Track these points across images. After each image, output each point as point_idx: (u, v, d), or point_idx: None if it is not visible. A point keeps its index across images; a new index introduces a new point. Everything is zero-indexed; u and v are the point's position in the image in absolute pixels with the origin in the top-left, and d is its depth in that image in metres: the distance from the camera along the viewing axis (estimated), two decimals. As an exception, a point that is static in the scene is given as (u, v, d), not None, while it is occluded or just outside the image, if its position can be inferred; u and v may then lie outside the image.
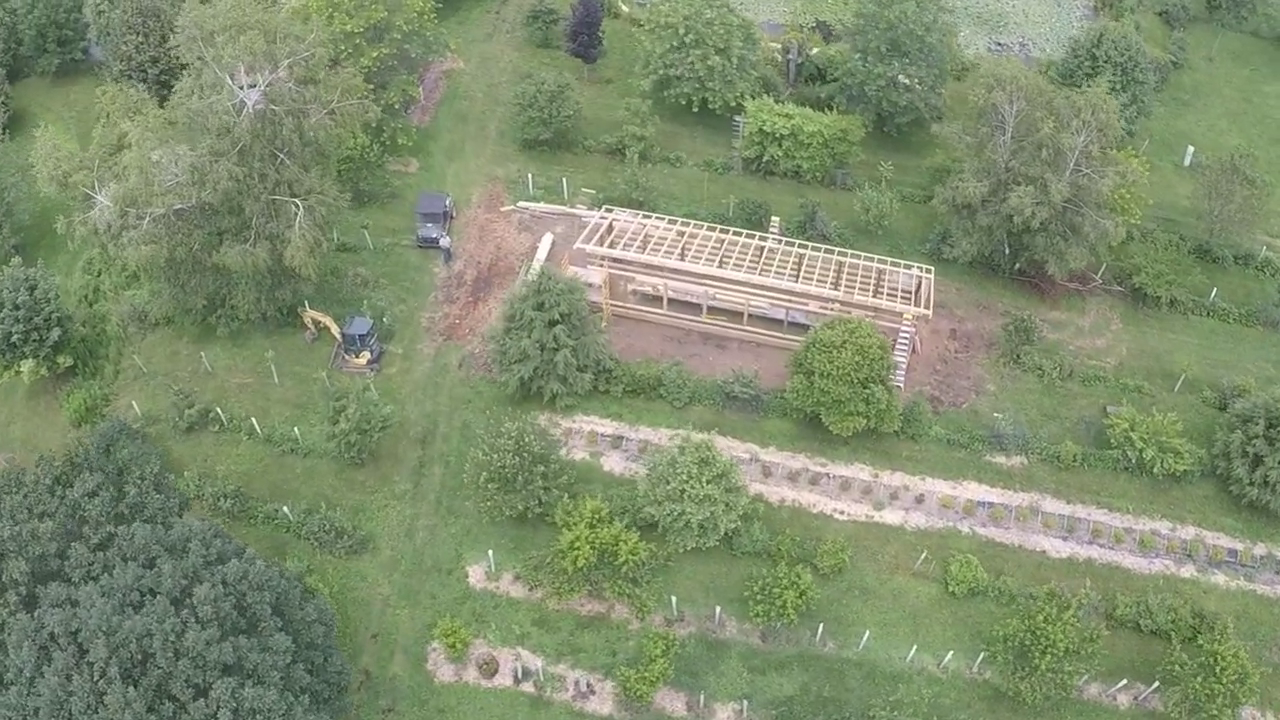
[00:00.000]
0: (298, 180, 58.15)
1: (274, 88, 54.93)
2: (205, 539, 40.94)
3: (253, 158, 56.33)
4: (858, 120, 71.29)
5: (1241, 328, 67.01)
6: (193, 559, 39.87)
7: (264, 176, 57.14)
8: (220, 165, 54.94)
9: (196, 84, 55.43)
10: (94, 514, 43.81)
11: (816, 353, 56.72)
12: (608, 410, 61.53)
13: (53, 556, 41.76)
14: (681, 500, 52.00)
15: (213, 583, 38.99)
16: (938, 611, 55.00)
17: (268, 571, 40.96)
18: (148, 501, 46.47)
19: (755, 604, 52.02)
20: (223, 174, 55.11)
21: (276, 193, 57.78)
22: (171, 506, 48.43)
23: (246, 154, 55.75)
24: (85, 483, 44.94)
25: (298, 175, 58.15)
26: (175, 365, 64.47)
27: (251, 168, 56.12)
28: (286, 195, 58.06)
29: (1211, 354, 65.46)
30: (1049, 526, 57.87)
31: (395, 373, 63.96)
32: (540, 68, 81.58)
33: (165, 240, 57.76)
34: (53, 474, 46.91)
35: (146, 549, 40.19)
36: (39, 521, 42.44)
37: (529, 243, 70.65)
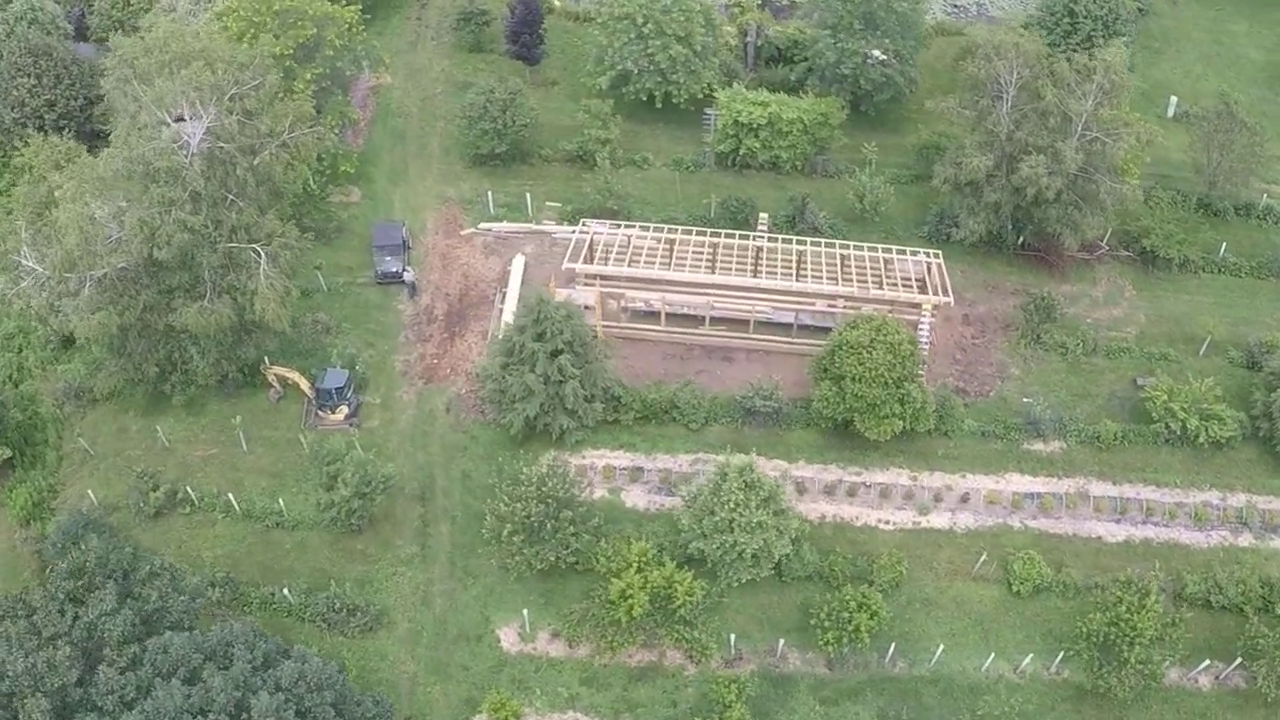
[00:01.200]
0: (255, 224, 56.39)
1: (222, 124, 53.05)
2: (249, 641, 39.22)
3: (207, 204, 54.33)
4: (836, 103, 72.15)
5: (1255, 281, 69.78)
6: (240, 666, 38.14)
7: (219, 224, 55.22)
8: (173, 216, 52.81)
9: (133, 127, 53.18)
10: (115, 633, 41.44)
11: (845, 355, 57.16)
12: (619, 441, 61.12)
13: (74, 686, 39.44)
14: (731, 530, 51.85)
15: (269, 690, 37.34)
16: (1005, 614, 55.97)
17: (325, 669, 39.43)
18: (170, 605, 44.30)
19: (824, 631, 52.17)
20: (176, 226, 52.98)
21: (233, 240, 55.87)
22: (197, 607, 46.32)
23: (199, 201, 53.74)
24: (101, 598, 42.52)
25: (254, 219, 56.36)
26: (126, 444, 61.92)
27: (207, 216, 54.10)
28: (244, 242, 56.16)
29: (1229, 312, 67.97)
30: (1100, 511, 59.38)
31: (377, 425, 62.50)
32: (477, 75, 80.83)
33: (111, 305, 55.39)
34: (64, 591, 44.28)
35: (186, 660, 38.28)
36: (53, 648, 39.98)
37: (499, 267, 69.76)
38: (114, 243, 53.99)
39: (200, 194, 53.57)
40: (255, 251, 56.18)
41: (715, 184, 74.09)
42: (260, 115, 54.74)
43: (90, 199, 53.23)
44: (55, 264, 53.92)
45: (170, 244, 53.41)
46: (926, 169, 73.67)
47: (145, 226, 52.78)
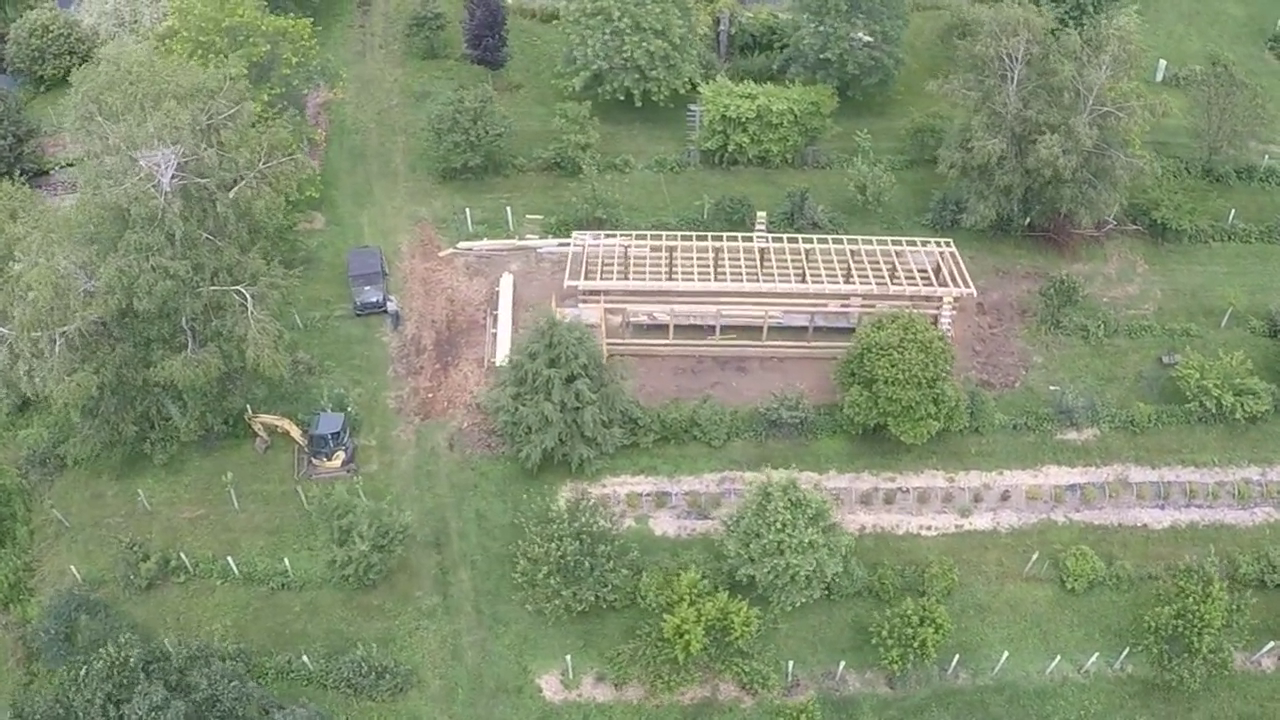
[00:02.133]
0: (238, 265, 55.08)
1: (199, 158, 51.71)
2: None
3: (186, 247, 52.96)
4: (826, 90, 72.63)
5: (1265, 246, 71.89)
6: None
7: (199, 267, 53.87)
8: (153, 263, 51.37)
9: (102, 169, 51.56)
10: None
11: (875, 358, 57.58)
12: (639, 465, 60.94)
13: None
14: (782, 553, 51.95)
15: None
16: (1061, 613, 56.95)
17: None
18: (222, 692, 42.79)
19: (887, 650, 52.49)
20: (158, 274, 51.55)
21: (215, 283, 54.53)
22: (250, 693, 44.84)
23: (179, 244, 52.36)
24: (148, 694, 40.86)
25: (237, 259, 55.06)
26: (103, 511, 60.18)
27: (187, 259, 52.75)
28: (227, 284, 54.85)
29: (1244, 280, 69.89)
30: (1143, 498, 60.67)
31: (376, 469, 61.51)
32: (434, 83, 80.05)
33: (84, 363, 53.74)
34: (104, 691, 42.54)
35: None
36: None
37: (485, 288, 69.10)
38: (86, 296, 52.25)
39: (180, 236, 52.09)
40: (240, 294, 54.83)
41: (703, 184, 74.20)
42: (237, 146, 53.40)
43: (58, 250, 51.40)
44: (22, 323, 52.00)
45: (152, 293, 51.92)
46: (922, 153, 74.71)
47: (124, 276, 51.18)
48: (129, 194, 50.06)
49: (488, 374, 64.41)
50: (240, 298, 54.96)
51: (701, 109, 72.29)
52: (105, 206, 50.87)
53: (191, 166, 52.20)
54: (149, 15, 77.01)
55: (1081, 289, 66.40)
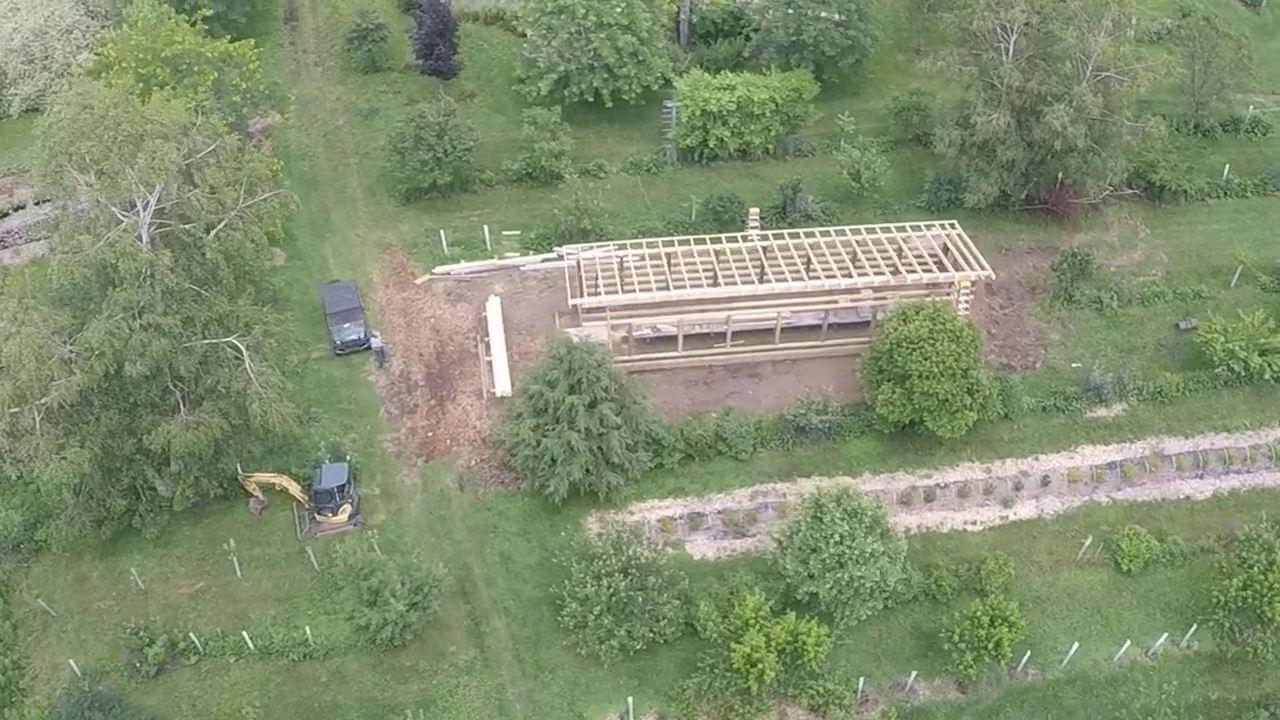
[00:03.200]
0: (230, 314, 53.85)
1: (186, 201, 50.40)
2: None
3: (176, 300, 51.64)
4: (806, 75, 73.39)
5: (1262, 199, 74.70)
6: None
7: (189, 321, 52.54)
8: (143, 321, 49.97)
9: (79, 225, 49.93)
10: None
11: (906, 352, 58.36)
12: (665, 487, 61.09)
13: None
14: (843, 566, 52.45)
15: None
16: (1119, 596, 58.51)
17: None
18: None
19: (960, 654, 53.31)
20: (151, 333, 50.16)
21: (207, 335, 53.26)
22: None
23: (170, 298, 51.04)
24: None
25: (228, 307, 53.85)
26: (91, 595, 58.37)
27: (179, 314, 51.46)
28: (219, 336, 53.59)
29: (1246, 235, 72.56)
30: (1182, 469, 62.59)
31: (385, 519, 60.65)
32: (382, 99, 79.16)
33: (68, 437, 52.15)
34: None
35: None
36: None
37: (471, 314, 68.53)
38: (68, 364, 50.58)
39: (171, 290, 50.75)
40: (234, 346, 53.56)
41: (684, 183, 74.49)
42: (223, 185, 52.14)
43: (34, 315, 49.66)
44: (5, 400, 50.16)
45: (145, 355, 50.49)
46: (906, 132, 76.05)
47: (114, 339, 49.65)
48: (116, 249, 48.50)
49: (489, 405, 63.88)
50: (234, 350, 53.60)
51: (678, 105, 72.45)
52: (88, 264, 49.20)
53: (174, 211, 50.78)
54: (61, 51, 74.71)
55: (1095, 260, 67.86)
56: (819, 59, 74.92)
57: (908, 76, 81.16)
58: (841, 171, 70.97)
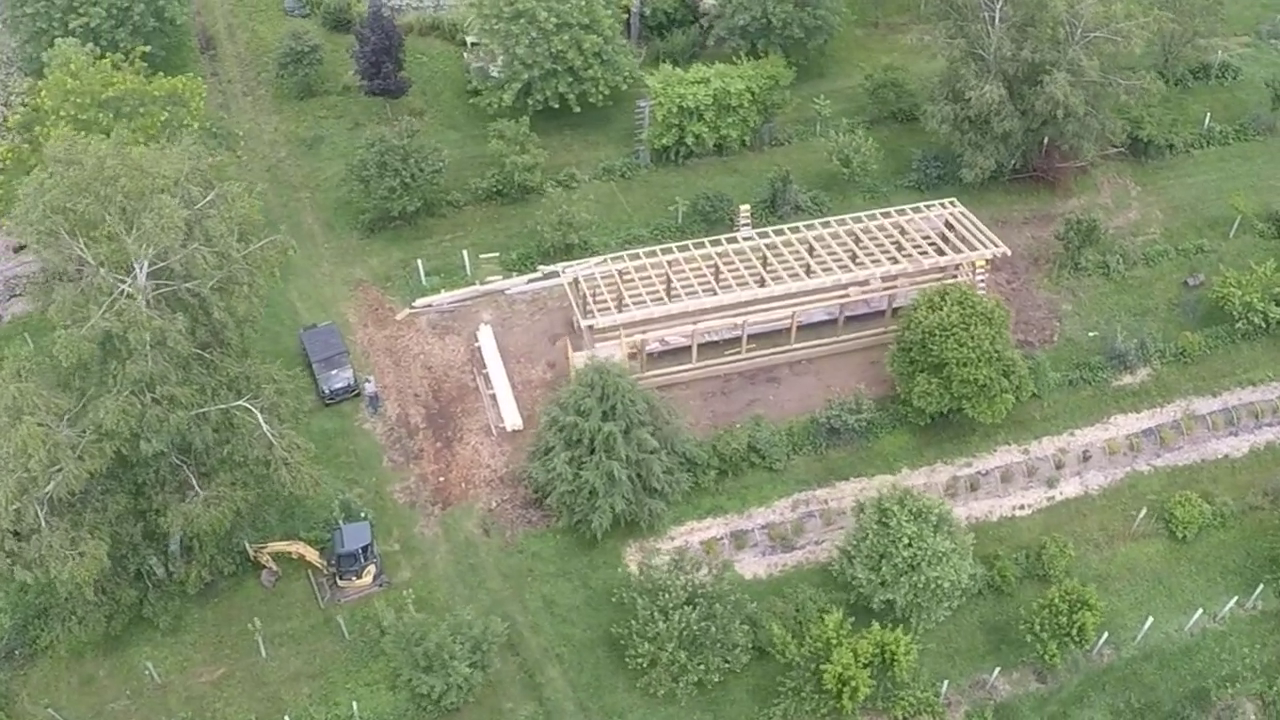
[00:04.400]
0: (240, 376, 52.65)
1: (192, 258, 49.05)
2: None
3: (186, 368, 50.30)
4: (780, 61, 74.17)
5: (1244, 145, 77.95)
6: None
7: (200, 388, 51.21)
8: (159, 394, 48.59)
9: (82, 295, 48.20)
10: None
11: (941, 340, 59.40)
12: (703, 507, 61.39)
13: None
14: (917, 569, 53.30)
15: None
16: (1178, 564, 60.56)
17: None
18: None
19: (1043, 643, 54.55)
20: (167, 406, 48.78)
21: (218, 401, 51.94)
22: None
23: (183, 366, 49.72)
24: None
25: (238, 369, 52.65)
26: (103, 697, 56.50)
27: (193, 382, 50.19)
28: (231, 400, 52.32)
29: (1235, 183, 75.63)
30: (1216, 428, 65.07)
31: (410, 576, 59.83)
32: (324, 125, 78.02)
33: (75, 529, 50.46)
34: None
35: None
36: None
37: (462, 346, 67.95)
38: (73, 449, 48.84)
39: (182, 357, 49.40)
40: (247, 409, 52.29)
41: (661, 185, 74.77)
42: (224, 236, 50.79)
43: (40, 401, 47.89)
44: (9, 496, 48.26)
45: (161, 431, 49.01)
46: (883, 111, 77.29)
47: (128, 417, 48.11)
48: (124, 319, 46.93)
49: (500, 441, 63.41)
50: (248, 414, 52.30)
51: (650, 103, 72.58)
52: (93, 338, 47.51)
53: (177, 270, 49.36)
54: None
55: (1101, 225, 69.87)
56: (786, 43, 75.65)
57: (870, 52, 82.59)
58: (830, 158, 71.87)
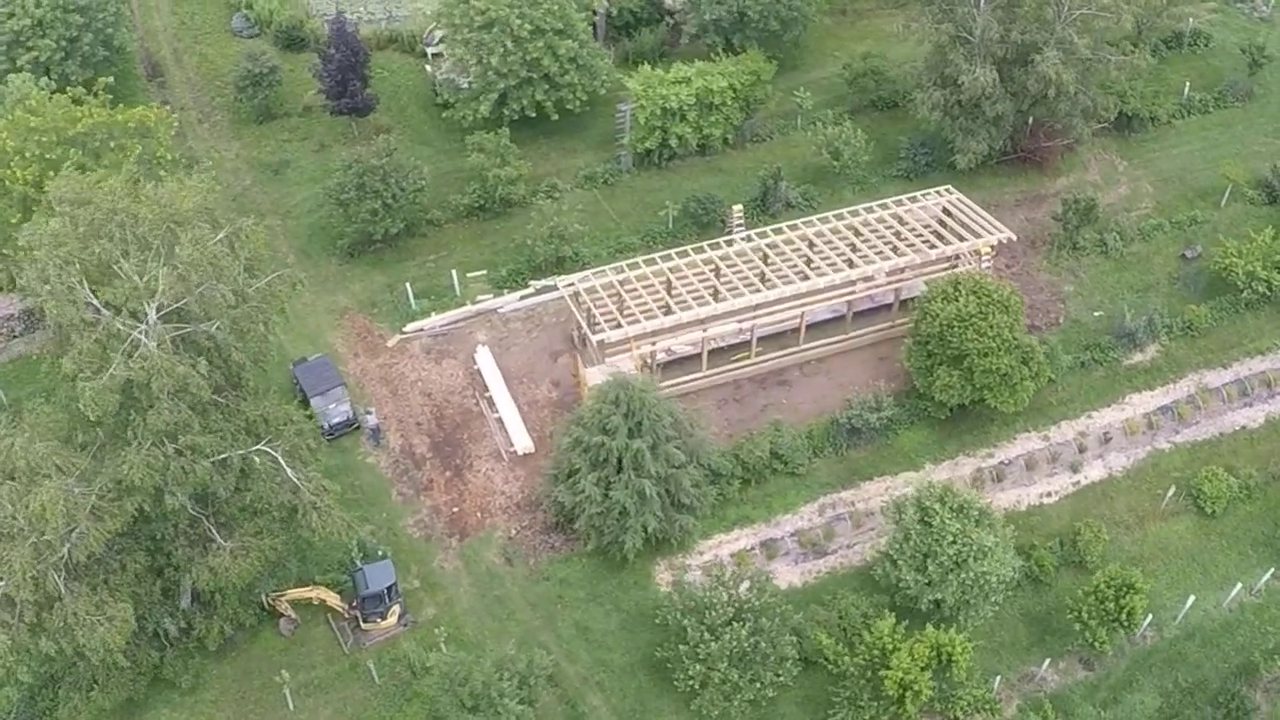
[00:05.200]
0: (259, 418, 52.14)
1: (210, 298, 48.45)
2: None
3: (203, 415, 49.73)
4: (759, 55, 74.85)
5: (1223, 112, 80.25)
6: None
7: (220, 435, 50.63)
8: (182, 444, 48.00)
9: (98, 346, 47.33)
10: None
11: (960, 331, 60.32)
12: (729, 518, 61.93)
13: None
14: (964, 565, 54.18)
15: None
16: (1209, 540, 62.39)
17: None
18: None
19: (1092, 630, 55.76)
20: (189, 459, 48.21)
21: (238, 447, 51.37)
22: None
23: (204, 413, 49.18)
24: None
25: (256, 411, 52.14)
26: (126, 770, 55.64)
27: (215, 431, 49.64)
28: (250, 445, 51.75)
29: (1219, 151, 77.91)
30: (1230, 400, 66.89)
31: (435, 613, 59.63)
32: (287, 149, 77.26)
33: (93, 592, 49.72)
34: None
35: None
36: None
37: (460, 370, 67.77)
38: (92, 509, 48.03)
39: (204, 403, 48.83)
40: (268, 454, 51.73)
41: (646, 190, 75.13)
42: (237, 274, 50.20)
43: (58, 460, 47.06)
44: (22, 567, 47.30)
45: (185, 483, 48.41)
46: (863, 100, 78.34)
47: (152, 471, 47.43)
48: (148, 366, 46.19)
49: (513, 466, 63.38)
50: (268, 458, 51.73)
51: (632, 106, 72.82)
52: (115, 388, 46.71)
53: (198, 312, 48.70)
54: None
55: (1099, 204, 71.42)
56: (763, 36, 76.35)
57: (841, 40, 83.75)
58: (820, 150, 72.68)
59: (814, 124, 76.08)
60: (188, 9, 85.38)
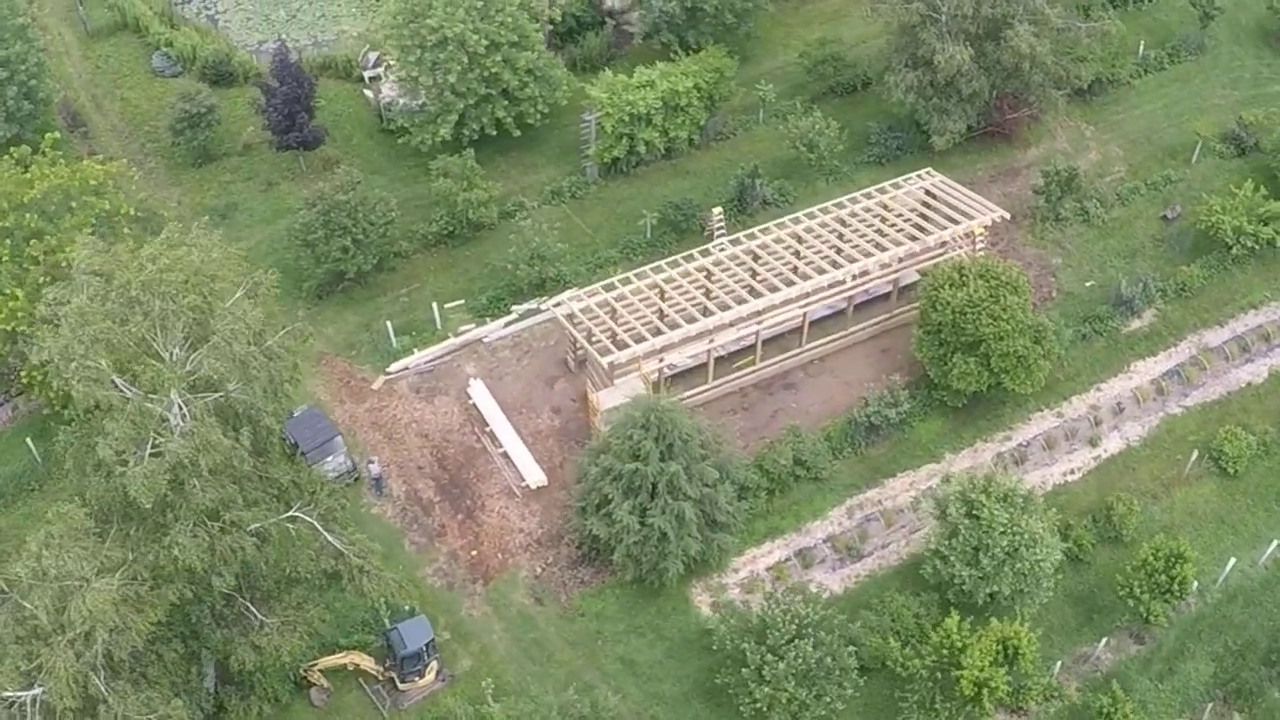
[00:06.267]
0: (291, 484, 51.83)
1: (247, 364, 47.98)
2: None
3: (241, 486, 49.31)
4: (720, 52, 75.78)
5: (1178, 67, 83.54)
6: None
7: (254, 504, 50.23)
8: (228, 520, 47.59)
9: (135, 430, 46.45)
10: None
11: (973, 318, 61.84)
12: (759, 531, 62.89)
13: None
14: (1018, 555, 55.75)
15: None
16: (1235, 500, 65.04)
17: None
18: None
19: (1145, 604, 57.76)
20: (236, 535, 47.75)
21: (271, 514, 50.95)
22: None
23: (244, 484, 48.80)
24: None
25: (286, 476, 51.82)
26: None
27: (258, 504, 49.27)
28: (282, 512, 51.35)
29: (1181, 108, 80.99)
30: (1232, 358, 69.61)
31: (472, 664, 59.55)
32: (232, 191, 76.32)
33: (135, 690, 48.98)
34: None
35: None
36: None
37: (454, 406, 67.69)
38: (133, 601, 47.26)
39: (245, 476, 48.38)
40: (303, 520, 51.29)
41: (615, 200, 75.69)
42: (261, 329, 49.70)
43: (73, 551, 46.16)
44: (64, 670, 46.33)
45: (234, 560, 47.91)
46: (822, 87, 79.71)
47: (201, 551, 46.85)
48: (197, 441, 45.51)
49: (527, 501, 63.55)
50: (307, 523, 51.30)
51: (596, 115, 73.17)
52: (164, 469, 45.92)
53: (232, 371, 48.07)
54: None
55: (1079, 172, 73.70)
56: (718, 30, 77.29)
57: (788, 27, 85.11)
58: (794, 144, 73.76)
59: (776, 117, 77.11)
60: (101, 52, 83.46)
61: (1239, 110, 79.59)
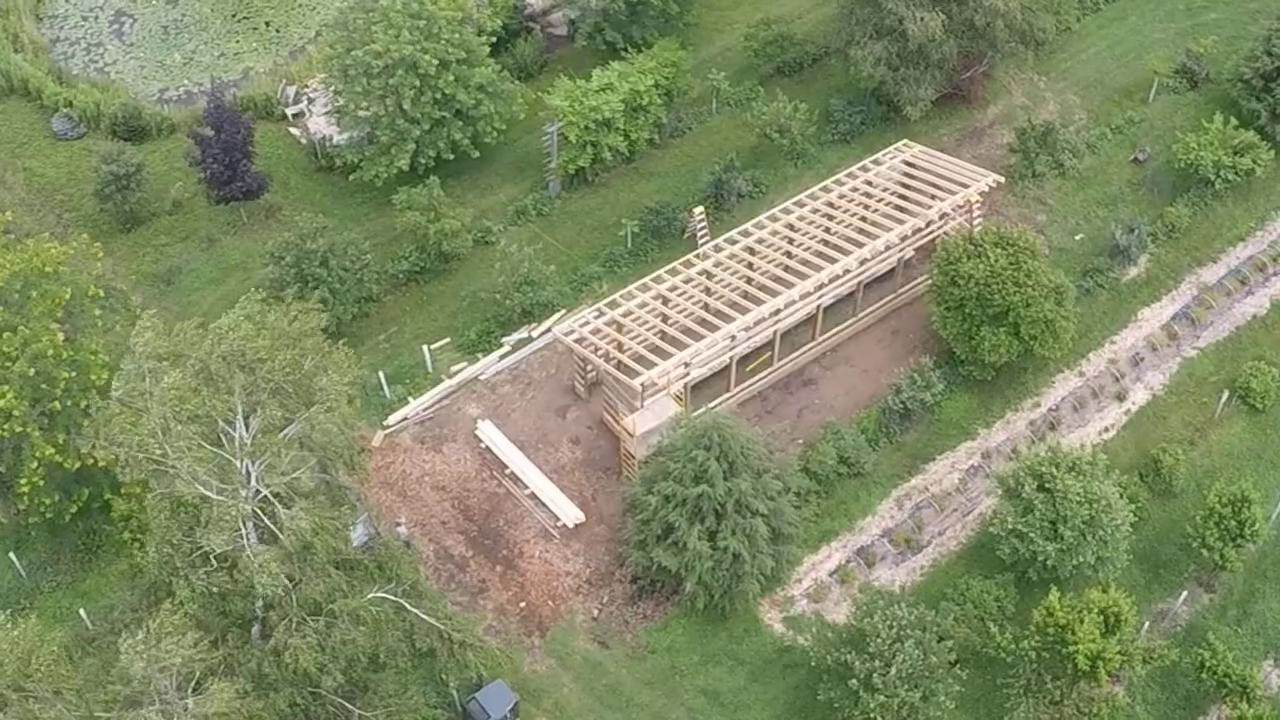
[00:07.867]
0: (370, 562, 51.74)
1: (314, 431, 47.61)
2: None
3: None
4: (672, 45, 76.78)
5: (1114, 5, 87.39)
6: None
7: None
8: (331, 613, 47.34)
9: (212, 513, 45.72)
10: None
11: (998, 289, 64.10)
12: (815, 535, 64.30)
13: None
14: (1097, 522, 58.23)
15: None
16: (1268, 435, 68.75)
17: None
18: None
19: (1220, 552, 60.87)
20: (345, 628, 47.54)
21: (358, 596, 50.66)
22: None
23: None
24: None
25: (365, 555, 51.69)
26: None
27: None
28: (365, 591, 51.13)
29: (1125, 46, 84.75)
30: (1232, 292, 73.43)
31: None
32: (171, 254, 74.73)
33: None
34: None
35: None
36: None
37: (466, 452, 67.50)
38: (247, 713, 46.73)
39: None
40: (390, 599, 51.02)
41: (584, 212, 76.21)
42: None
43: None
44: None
45: (343, 653, 47.64)
46: (776, 69, 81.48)
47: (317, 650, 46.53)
48: (311, 526, 45.01)
49: (567, 541, 63.87)
50: (389, 604, 50.98)
51: (558, 125, 73.44)
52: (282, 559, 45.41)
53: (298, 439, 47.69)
54: None
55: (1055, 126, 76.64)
56: (660, 23, 78.24)
57: (717, 11, 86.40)
58: (766, 129, 75.12)
59: (729, 106, 78.47)
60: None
61: (1181, 42, 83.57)
